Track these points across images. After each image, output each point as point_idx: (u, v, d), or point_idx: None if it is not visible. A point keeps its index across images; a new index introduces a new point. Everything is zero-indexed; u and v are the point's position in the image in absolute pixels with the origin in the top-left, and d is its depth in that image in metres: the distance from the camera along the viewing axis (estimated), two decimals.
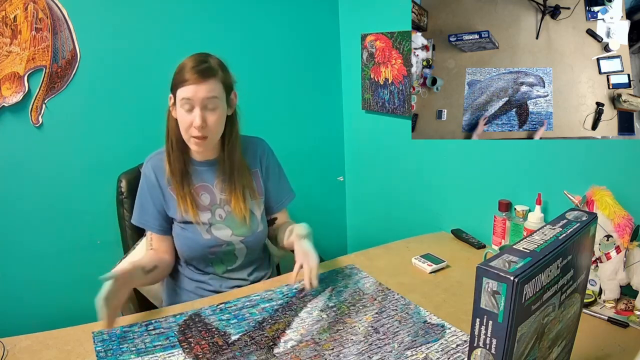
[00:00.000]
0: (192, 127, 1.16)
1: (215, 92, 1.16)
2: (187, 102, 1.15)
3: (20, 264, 1.68)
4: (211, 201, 1.29)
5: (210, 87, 1.15)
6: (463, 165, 1.65)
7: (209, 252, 1.28)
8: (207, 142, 1.20)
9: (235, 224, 1.29)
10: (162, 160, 1.26)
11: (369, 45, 1.91)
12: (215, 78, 1.16)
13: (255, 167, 1.35)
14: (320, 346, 1.00)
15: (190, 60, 1.17)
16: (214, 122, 1.17)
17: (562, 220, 0.74)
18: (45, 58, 1.59)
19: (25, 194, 1.66)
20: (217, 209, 1.29)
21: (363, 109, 2.05)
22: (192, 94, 1.14)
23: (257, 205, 1.34)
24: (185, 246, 1.29)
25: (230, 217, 1.29)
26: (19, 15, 1.53)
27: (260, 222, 1.34)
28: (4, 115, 1.57)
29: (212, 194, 1.29)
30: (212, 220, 1.28)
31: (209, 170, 1.29)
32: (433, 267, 1.33)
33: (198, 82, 1.13)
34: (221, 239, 1.28)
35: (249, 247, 1.32)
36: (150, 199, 1.28)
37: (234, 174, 1.28)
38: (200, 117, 1.14)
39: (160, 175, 1.27)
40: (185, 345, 1.01)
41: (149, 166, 1.28)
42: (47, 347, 1.00)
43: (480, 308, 0.61)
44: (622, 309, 1.09)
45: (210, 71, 1.15)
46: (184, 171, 1.26)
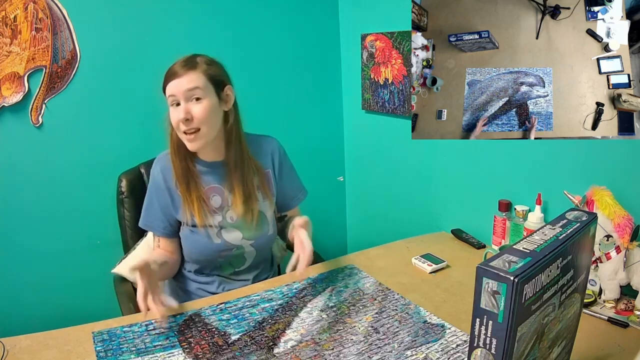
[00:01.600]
0: (180, 122, 1.15)
1: (197, 82, 1.15)
2: (172, 99, 1.15)
3: (20, 264, 1.68)
4: (222, 203, 1.26)
5: (190, 79, 1.14)
6: (463, 165, 1.65)
7: (219, 255, 1.27)
8: (200, 135, 1.16)
9: (246, 227, 1.27)
10: (170, 162, 1.24)
11: (369, 45, 1.91)
12: (195, 70, 1.16)
13: (268, 168, 1.33)
14: (320, 346, 1.00)
15: (176, 60, 1.18)
16: (198, 112, 1.14)
17: (562, 220, 0.74)
18: (45, 58, 1.59)
19: (25, 194, 1.66)
20: (228, 212, 1.27)
21: (363, 109, 2.05)
22: (175, 89, 1.14)
23: (268, 207, 1.32)
24: (195, 249, 1.27)
25: (241, 219, 1.26)
26: (19, 15, 1.53)
27: (271, 223, 1.32)
28: (4, 115, 1.57)
29: (222, 196, 1.26)
30: (223, 222, 1.26)
31: (218, 172, 1.26)
32: (433, 267, 1.33)
33: (179, 76, 1.14)
34: (231, 243, 1.27)
35: (259, 250, 1.31)
36: (157, 202, 1.26)
37: (244, 175, 1.25)
38: (183, 110, 1.13)
39: (169, 178, 1.24)
40: (185, 345, 1.01)
41: (158, 168, 1.26)
42: (47, 347, 1.00)
43: (480, 308, 0.61)
44: (622, 309, 1.09)
45: (190, 64, 1.16)
46: (190, 174, 1.23)
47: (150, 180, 1.28)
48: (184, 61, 1.17)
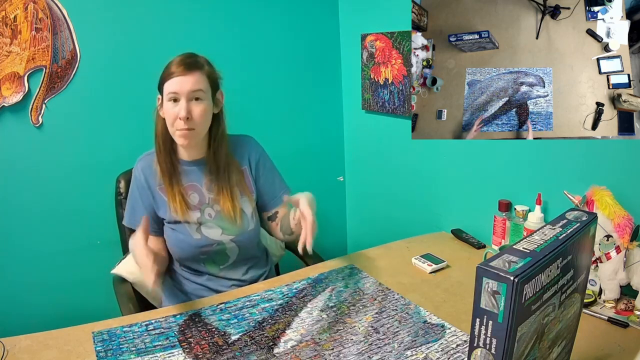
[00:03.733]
0: (178, 119, 1.16)
1: (201, 85, 1.17)
2: (173, 95, 1.16)
3: (20, 264, 1.68)
4: (200, 200, 1.29)
5: (196, 79, 1.16)
6: (463, 165, 1.65)
7: (200, 252, 1.28)
8: (193, 135, 1.19)
9: (225, 223, 1.29)
10: (152, 160, 1.27)
11: (369, 45, 1.91)
12: (201, 71, 1.18)
13: (244, 165, 1.35)
14: (320, 346, 1.00)
15: (177, 57, 1.19)
16: (199, 114, 1.17)
17: (562, 220, 0.74)
18: (45, 58, 1.59)
19: (25, 194, 1.65)
20: (207, 208, 1.29)
21: (363, 109, 2.05)
22: (178, 87, 1.15)
23: (248, 203, 1.33)
24: (176, 247, 1.29)
25: (219, 216, 1.29)
26: (19, 15, 1.53)
27: (251, 220, 1.33)
28: (4, 115, 1.57)
29: (200, 193, 1.29)
30: (202, 219, 1.28)
31: (197, 170, 1.29)
32: (433, 267, 1.33)
33: (184, 74, 1.15)
34: (211, 238, 1.28)
35: (241, 246, 1.32)
36: (140, 200, 1.28)
37: (222, 173, 1.28)
38: (185, 109, 1.15)
39: (150, 176, 1.28)
40: (185, 345, 1.01)
41: (139, 167, 1.29)
42: (47, 347, 1.00)
43: (480, 308, 0.61)
44: (622, 309, 1.09)
45: (196, 64, 1.18)
46: (173, 171, 1.26)
47: (132, 180, 1.31)
48: (188, 59, 1.18)
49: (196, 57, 1.21)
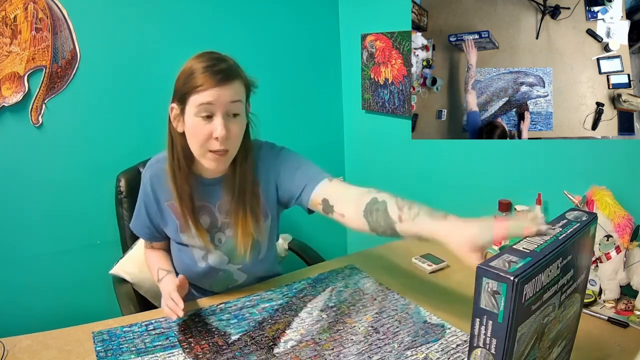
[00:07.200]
0: (212, 139, 0.98)
1: (240, 95, 0.99)
2: (206, 108, 0.96)
3: (20, 264, 1.68)
4: (211, 223, 1.14)
5: (236, 90, 0.98)
6: (463, 165, 1.65)
7: (204, 278, 1.20)
8: (227, 158, 1.03)
9: (234, 251, 1.15)
10: (162, 170, 1.10)
11: (369, 45, 1.91)
12: (240, 80, 1.00)
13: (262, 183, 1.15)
14: (320, 346, 1.00)
15: (199, 61, 0.98)
16: (237, 133, 1.01)
17: (562, 220, 0.74)
18: (45, 58, 1.59)
19: (25, 193, 1.66)
20: (217, 233, 1.15)
21: (363, 109, 2.05)
22: (214, 98, 0.96)
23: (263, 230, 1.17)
24: (180, 269, 1.20)
25: (229, 242, 1.15)
26: (19, 15, 1.53)
27: (264, 246, 1.19)
28: (4, 115, 1.57)
29: (212, 215, 1.14)
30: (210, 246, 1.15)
31: (213, 189, 1.12)
32: (433, 267, 1.33)
33: (221, 85, 0.95)
34: (216, 267, 1.17)
35: (249, 273, 1.22)
36: (145, 210, 1.17)
37: (243, 194, 1.10)
38: (223, 126, 0.96)
39: (159, 190, 1.13)
40: (185, 345, 1.01)
41: (147, 176, 1.14)
42: (47, 347, 1.00)
43: (480, 308, 0.61)
44: (622, 309, 1.09)
45: (234, 72, 0.98)
46: (188, 190, 1.09)
47: (141, 185, 1.17)
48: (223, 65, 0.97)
49: (227, 60, 1.00)
